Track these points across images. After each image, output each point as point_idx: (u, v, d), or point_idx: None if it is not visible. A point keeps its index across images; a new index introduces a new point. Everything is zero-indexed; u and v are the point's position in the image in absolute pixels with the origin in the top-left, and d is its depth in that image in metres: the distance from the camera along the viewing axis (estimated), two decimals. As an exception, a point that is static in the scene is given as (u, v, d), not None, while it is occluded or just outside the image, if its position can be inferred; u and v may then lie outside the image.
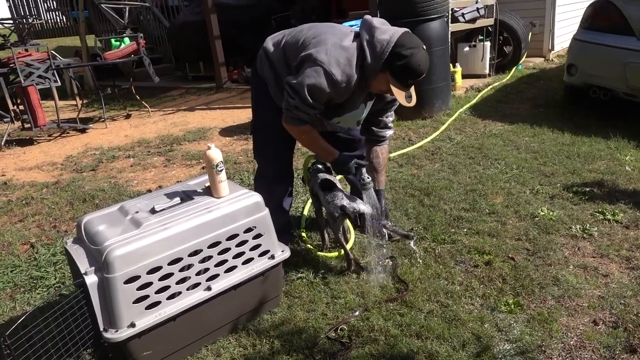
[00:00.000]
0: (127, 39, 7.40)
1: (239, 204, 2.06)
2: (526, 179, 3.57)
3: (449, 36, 5.72)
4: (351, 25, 5.00)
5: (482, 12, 6.31)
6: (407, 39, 2.04)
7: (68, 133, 6.43)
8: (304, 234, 2.95)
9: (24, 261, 3.03)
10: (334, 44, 2.13)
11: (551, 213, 3.06)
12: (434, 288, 2.40)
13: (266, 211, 2.14)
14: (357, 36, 2.17)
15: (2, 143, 5.85)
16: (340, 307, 2.31)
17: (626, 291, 2.33)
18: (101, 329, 1.80)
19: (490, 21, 6.64)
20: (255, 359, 2.02)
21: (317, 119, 2.34)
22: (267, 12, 8.46)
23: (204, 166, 4.37)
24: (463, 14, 6.10)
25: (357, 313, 2.23)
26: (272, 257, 2.17)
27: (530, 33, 7.75)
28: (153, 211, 2.01)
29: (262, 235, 2.13)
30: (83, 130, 6.45)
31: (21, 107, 6.22)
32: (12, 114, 6.19)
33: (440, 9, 4.96)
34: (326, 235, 2.75)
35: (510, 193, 3.36)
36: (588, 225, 2.91)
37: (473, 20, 6.27)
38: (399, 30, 2.06)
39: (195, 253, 1.94)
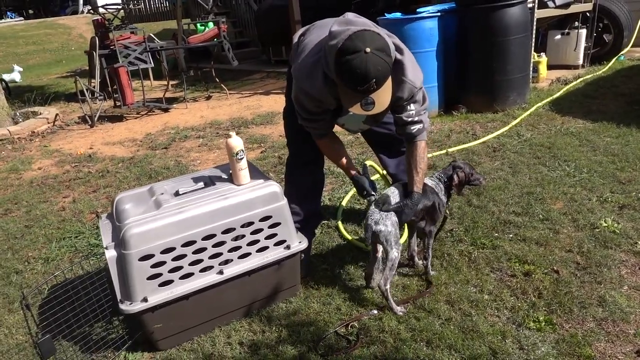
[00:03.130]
0: (211, 24, 7.72)
1: (256, 192, 2.09)
2: (596, 184, 3.23)
3: (534, 23, 5.28)
4: (422, 12, 4.81)
5: (577, -4, 5.72)
6: (352, 42, 1.80)
7: (153, 112, 6.92)
8: (340, 225, 2.94)
9: (87, 229, 3.34)
10: (309, 53, 2.07)
11: (616, 225, 2.74)
12: (459, 294, 2.28)
13: (284, 201, 2.15)
14: None
15: (95, 119, 6.44)
16: (357, 303, 2.28)
17: (686, 322, 2.04)
18: (118, 300, 1.94)
19: (587, 6, 6.01)
20: (262, 345, 2.06)
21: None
22: (350, -4, 8.37)
23: (263, 150, 4.49)
24: (553, -1, 5.58)
25: (372, 312, 2.18)
26: (288, 247, 2.18)
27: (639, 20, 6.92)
28: (177, 194, 2.11)
29: (278, 224, 2.15)
30: (166, 110, 6.90)
31: (114, 87, 6.80)
32: (106, 93, 6.78)
33: (521, -7, 4.58)
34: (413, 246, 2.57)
35: (573, 199, 3.06)
36: (658, 242, 2.57)
37: (566, 5, 5.71)
38: (348, 32, 1.83)
39: (209, 237, 2.00)
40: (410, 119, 2.12)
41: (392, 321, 2.13)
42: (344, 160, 2.34)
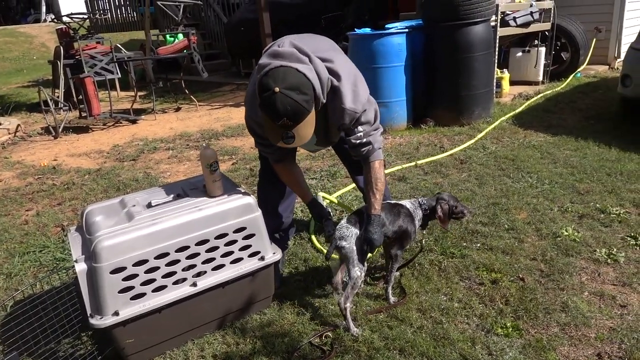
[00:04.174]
0: (180, 35, 7.69)
1: (230, 204, 2.09)
2: (557, 195, 3.37)
3: (497, 40, 5.50)
4: (391, 28, 4.94)
5: (536, 16, 6.00)
6: (266, 80, 1.82)
7: (121, 123, 6.80)
8: (313, 237, 2.96)
9: (53, 242, 3.24)
10: (251, 82, 2.11)
11: (576, 234, 2.87)
12: (430, 303, 2.33)
13: (258, 213, 2.16)
14: None
15: (60, 130, 6.27)
16: (330, 313, 2.30)
17: (643, 325, 2.15)
18: (88, 315, 1.89)
19: (546, 26, 6.31)
20: (235, 357, 2.05)
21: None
22: (319, 12, 8.50)
23: (234, 162, 4.48)
24: (515, 18, 5.83)
25: (345, 324, 2.20)
26: (262, 258, 2.19)
27: (594, 39, 7.30)
28: (149, 205, 2.09)
29: (253, 235, 2.15)
30: (134, 121, 6.80)
31: (80, 97, 6.65)
32: (71, 104, 6.62)
33: (485, 12, 4.77)
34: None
35: (536, 209, 3.19)
36: (615, 249, 2.70)
37: (526, 25, 5.98)
38: (266, 68, 1.86)
39: (183, 249, 1.99)
40: (359, 141, 2.10)
41: (365, 330, 2.16)
42: (300, 186, 2.35)
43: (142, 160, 4.98)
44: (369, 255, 2.70)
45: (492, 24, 5.49)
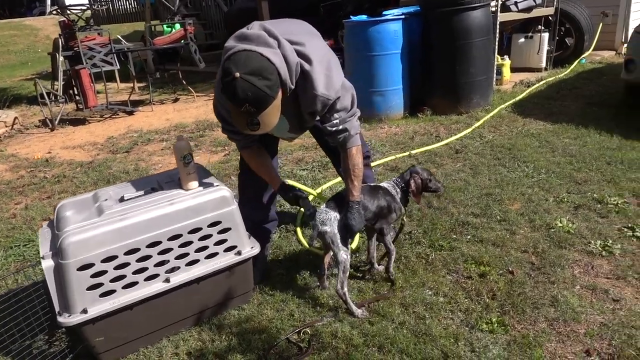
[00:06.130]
0: (178, 25, 7.61)
1: (204, 197, 2.03)
2: (553, 185, 3.27)
3: (497, 26, 5.36)
4: (387, 15, 4.82)
5: (538, 0, 5.82)
6: (228, 65, 1.75)
7: (118, 114, 6.75)
8: (299, 231, 2.89)
9: (38, 236, 3.20)
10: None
11: (570, 225, 2.77)
12: (414, 298, 2.26)
13: (234, 206, 2.09)
14: None
15: (56, 122, 6.24)
16: (311, 309, 2.24)
17: (635, 320, 2.06)
18: (56, 312, 1.85)
19: (549, 11, 6.13)
20: (210, 354, 2.00)
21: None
22: (318, 0, 8.36)
23: (226, 153, 4.41)
24: (516, 3, 5.67)
25: (324, 320, 2.14)
26: (239, 253, 2.12)
27: (600, 24, 7.11)
28: (122, 199, 2.03)
29: (228, 230, 2.09)
30: (131, 113, 6.75)
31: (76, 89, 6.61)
32: (68, 96, 6.58)
33: (483, -4, 4.63)
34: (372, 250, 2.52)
35: (530, 200, 3.09)
36: (611, 241, 2.60)
37: (528, 10, 5.82)
38: (230, 52, 1.79)
39: (154, 245, 1.93)
40: (334, 129, 2.03)
41: (345, 326, 2.10)
42: (269, 173, 2.28)
43: (135, 152, 4.93)
44: (355, 244, 2.65)
45: (493, 9, 5.35)
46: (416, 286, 2.35)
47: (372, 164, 3.84)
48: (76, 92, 6.63)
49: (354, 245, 2.70)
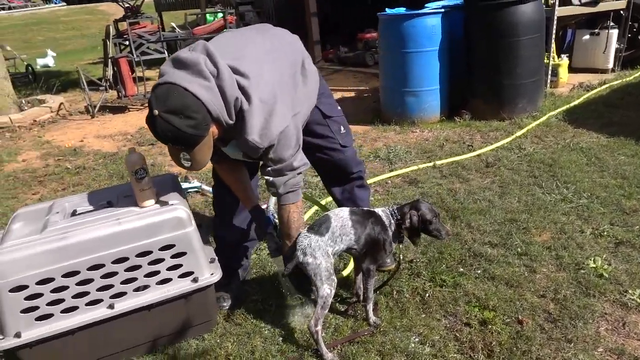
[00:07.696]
0: (220, 14, 7.52)
1: (156, 218, 1.83)
2: (594, 213, 2.79)
3: (554, 21, 4.77)
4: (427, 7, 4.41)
5: (607, -8, 5.14)
6: (151, 99, 1.59)
7: (156, 104, 6.76)
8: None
9: None
10: None
11: (606, 266, 2.33)
12: (395, 344, 1.95)
13: (191, 228, 1.88)
14: None
15: (96, 110, 6.35)
16: (277, 345, 1.99)
17: (668, 404, 1.65)
18: (-10, 334, 1.72)
19: (620, 4, 5.41)
20: (154, 391, 1.82)
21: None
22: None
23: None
24: (579, -5, 5.03)
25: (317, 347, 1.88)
26: (196, 280, 1.91)
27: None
28: (73, 214, 1.88)
29: (183, 254, 1.88)
30: (169, 103, 6.74)
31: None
32: (107, 84, 6.69)
33: (536, -12, 4.10)
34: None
35: (562, 230, 2.65)
36: (654, 292, 2.15)
37: (593, 3, 5.15)
38: (158, 81, 1.62)
39: (97, 267, 1.76)
40: (265, 178, 1.82)
41: (307, 374, 1.84)
42: (243, 190, 2.06)
43: (160, 145, 4.86)
44: (347, 272, 2.37)
45: (551, 2, 4.77)
46: (402, 329, 2.03)
47: (390, 175, 3.51)
48: (115, 81, 6.72)
49: (345, 272, 2.42)
